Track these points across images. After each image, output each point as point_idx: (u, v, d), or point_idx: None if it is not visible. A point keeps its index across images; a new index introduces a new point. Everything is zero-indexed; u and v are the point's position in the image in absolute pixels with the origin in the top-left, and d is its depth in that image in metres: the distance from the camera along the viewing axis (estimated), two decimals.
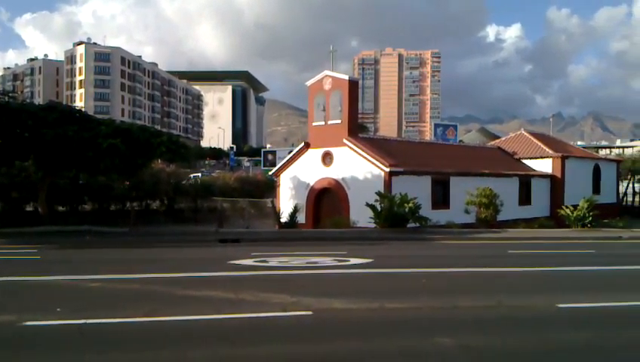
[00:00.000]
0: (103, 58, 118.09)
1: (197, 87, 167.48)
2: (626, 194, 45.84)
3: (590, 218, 24.81)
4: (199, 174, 47.61)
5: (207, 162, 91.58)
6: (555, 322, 7.90)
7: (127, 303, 8.57)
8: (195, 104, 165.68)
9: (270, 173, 32.74)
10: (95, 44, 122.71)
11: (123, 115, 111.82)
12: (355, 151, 26.05)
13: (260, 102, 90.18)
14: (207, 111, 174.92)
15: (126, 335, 6.85)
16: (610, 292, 9.95)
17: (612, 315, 8.37)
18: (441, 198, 27.37)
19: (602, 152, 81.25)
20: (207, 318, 7.62)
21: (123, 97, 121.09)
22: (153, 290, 9.66)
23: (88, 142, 19.65)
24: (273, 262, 13.31)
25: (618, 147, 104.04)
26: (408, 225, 22.45)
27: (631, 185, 45.96)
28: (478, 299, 9.22)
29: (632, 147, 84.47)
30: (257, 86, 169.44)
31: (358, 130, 29.00)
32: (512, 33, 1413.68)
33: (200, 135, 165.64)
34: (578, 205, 25.45)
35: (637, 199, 45.19)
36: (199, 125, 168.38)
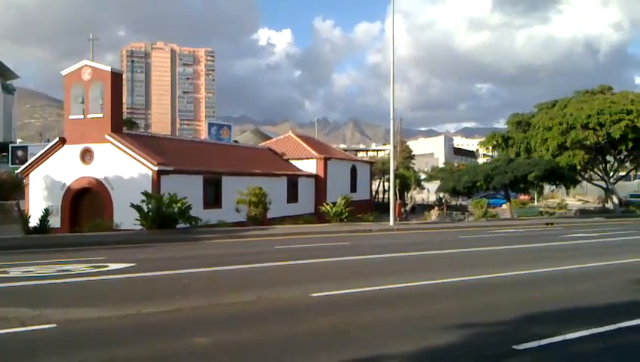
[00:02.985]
0: None
1: None
2: (377, 191, 52.10)
3: (347, 213, 27.43)
4: None
5: None
6: (309, 310, 8.33)
7: None
8: None
9: (17, 171, 28.61)
10: None
11: None
12: (120, 148, 24.38)
13: (8, 90, 78.47)
14: None
15: None
16: (359, 280, 10.91)
17: (359, 300, 9.15)
18: (212, 198, 27.31)
19: (360, 155, 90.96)
20: None
21: None
22: None
23: None
24: (15, 272, 11.52)
25: (373, 150, 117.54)
26: (178, 226, 21.80)
27: (381, 184, 52.39)
28: (240, 296, 9.27)
29: (383, 150, 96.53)
30: (5, 72, 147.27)
31: (123, 125, 27.19)
32: (283, 39, 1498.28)
33: None
34: (337, 202, 27.92)
35: (385, 196, 51.68)
36: None
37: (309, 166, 36.66)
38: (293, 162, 36.84)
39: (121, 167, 24.42)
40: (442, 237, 21.98)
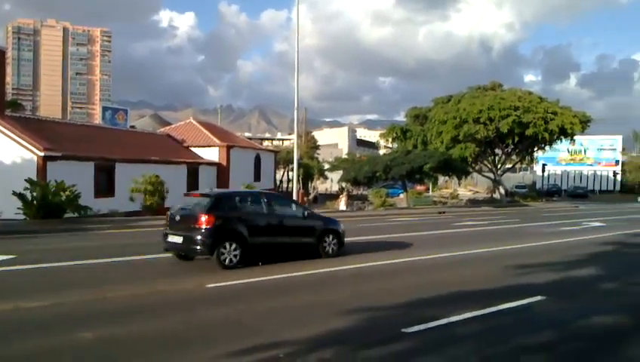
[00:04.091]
0: None
1: None
2: (281, 181, 52.12)
3: None
4: None
5: None
6: (203, 301, 8.11)
7: None
8: None
9: None
10: None
11: None
12: (1, 131, 22.30)
13: None
14: None
15: None
16: (256, 269, 10.76)
17: (255, 289, 9.03)
18: (105, 186, 25.85)
19: (266, 143, 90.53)
20: None
21: None
22: None
23: None
24: None
25: (279, 139, 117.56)
26: (66, 216, 20.37)
27: (286, 174, 52.45)
28: (129, 288, 8.80)
29: (289, 140, 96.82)
30: None
31: (6, 107, 24.91)
32: (186, 21, 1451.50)
33: None
34: None
35: (290, 186, 51.83)
36: None
37: (211, 154, 35.80)
38: (195, 150, 35.76)
39: (2, 151, 22.39)
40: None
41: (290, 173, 50.88)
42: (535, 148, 49.13)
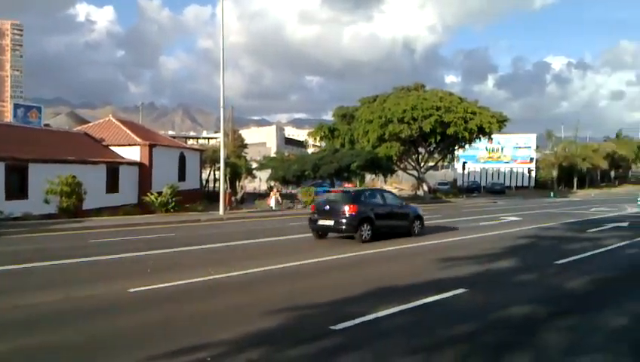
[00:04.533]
0: None
1: None
2: (207, 180, 51.03)
3: (173, 203, 26.31)
4: None
5: None
6: (126, 306, 7.75)
7: None
8: None
9: None
10: None
11: None
12: None
13: None
14: None
15: None
16: (182, 271, 10.42)
17: (181, 292, 8.72)
18: (17, 188, 24.18)
19: (191, 142, 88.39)
20: None
21: None
22: None
23: None
24: None
25: (204, 138, 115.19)
26: None
27: (212, 173, 51.41)
28: (45, 295, 8.25)
29: (215, 138, 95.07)
30: None
31: None
32: (105, 16, 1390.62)
33: None
34: (163, 191, 26.63)
35: (216, 185, 50.86)
36: None
37: (132, 153, 34.37)
38: (115, 149, 34.19)
39: None
40: (271, 225, 22.23)
41: (217, 173, 49.92)
42: (456, 147, 51.18)
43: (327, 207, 16.28)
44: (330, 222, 15.85)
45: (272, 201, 34.21)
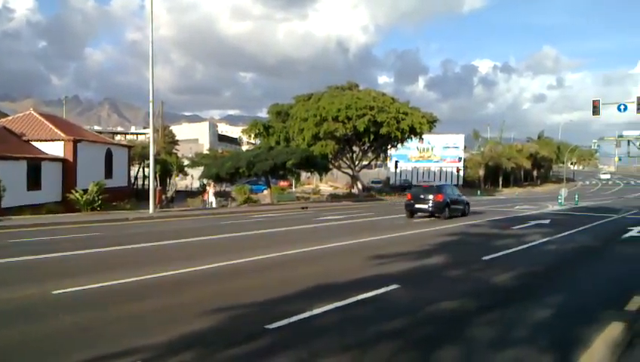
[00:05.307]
0: None
1: None
2: (136, 178, 49.32)
3: (100, 201, 25.23)
4: None
5: None
6: (49, 310, 7.30)
7: None
8: None
9: None
10: None
11: None
12: None
13: None
14: None
15: None
16: (109, 273, 9.97)
17: (108, 294, 8.34)
18: None
19: (118, 138, 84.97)
20: None
21: None
22: None
23: None
24: None
25: (132, 133, 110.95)
26: None
27: (142, 170, 49.73)
28: None
29: (144, 134, 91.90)
30: None
31: None
32: (24, 3, 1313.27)
33: None
34: (89, 189, 25.47)
35: (146, 183, 49.26)
36: None
37: (55, 148, 32.57)
38: (36, 144, 32.28)
39: None
40: (204, 224, 21.77)
41: (146, 170, 48.37)
42: (389, 146, 52.31)
43: (421, 195, 23.95)
44: (425, 206, 23.62)
45: (210, 196, 33.61)
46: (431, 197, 23.56)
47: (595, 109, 32.47)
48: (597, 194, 62.70)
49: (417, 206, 23.74)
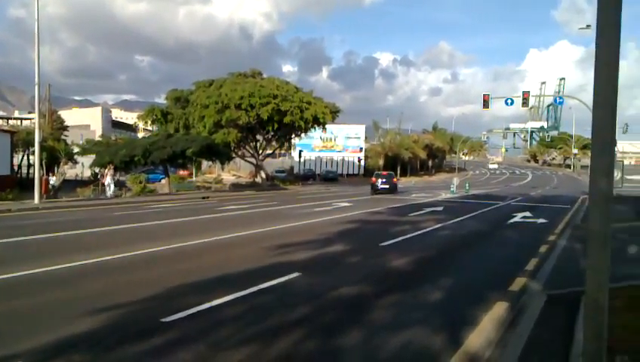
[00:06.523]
0: None
1: None
2: (20, 166, 45.48)
3: None
4: None
5: None
6: None
7: None
8: None
9: None
10: None
11: None
12: None
13: None
14: None
15: None
16: None
17: None
18: None
19: (0, 123, 77.69)
20: None
21: None
22: None
23: None
24: None
25: (16, 118, 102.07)
26: None
27: (26, 158, 45.92)
28: None
29: (30, 119, 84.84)
30: None
31: None
32: None
33: None
34: None
35: (31, 171, 45.52)
36: None
37: None
38: None
39: None
40: (95, 215, 20.51)
41: (31, 157, 44.72)
42: (292, 135, 52.45)
43: (382, 180, 36.57)
44: (386, 186, 36.11)
45: (108, 180, 31.79)
46: (387, 180, 36.66)
47: (485, 103, 34.69)
48: (486, 183, 67.17)
49: (380, 186, 35.99)
